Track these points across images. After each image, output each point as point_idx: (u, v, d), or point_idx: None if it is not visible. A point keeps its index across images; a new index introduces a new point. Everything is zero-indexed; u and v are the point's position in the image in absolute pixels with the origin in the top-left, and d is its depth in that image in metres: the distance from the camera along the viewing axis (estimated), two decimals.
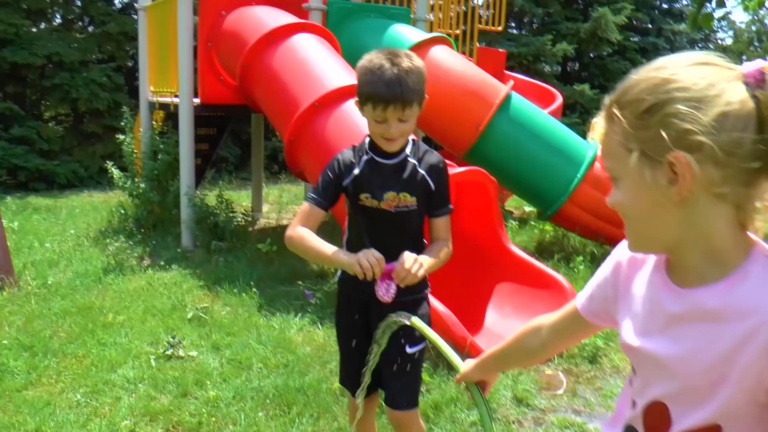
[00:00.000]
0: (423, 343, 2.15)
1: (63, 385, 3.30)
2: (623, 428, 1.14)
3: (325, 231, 2.11)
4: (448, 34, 6.97)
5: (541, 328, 1.34)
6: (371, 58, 2.01)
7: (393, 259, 1.91)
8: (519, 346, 1.38)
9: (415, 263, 1.90)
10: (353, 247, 2.10)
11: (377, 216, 2.08)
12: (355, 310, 2.19)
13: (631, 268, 1.13)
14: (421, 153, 2.12)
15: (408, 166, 2.09)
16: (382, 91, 1.94)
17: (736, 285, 0.95)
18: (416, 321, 1.60)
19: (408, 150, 2.10)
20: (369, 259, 1.86)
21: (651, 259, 1.10)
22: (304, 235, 2.04)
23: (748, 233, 0.98)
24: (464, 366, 1.44)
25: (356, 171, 2.09)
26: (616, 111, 0.99)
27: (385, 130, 2.00)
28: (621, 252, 1.17)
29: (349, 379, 2.22)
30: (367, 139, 2.13)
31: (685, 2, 18.42)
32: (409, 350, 2.14)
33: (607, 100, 1.02)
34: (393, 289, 1.91)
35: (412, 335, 2.07)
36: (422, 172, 2.09)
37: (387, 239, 2.04)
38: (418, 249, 2.04)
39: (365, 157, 2.10)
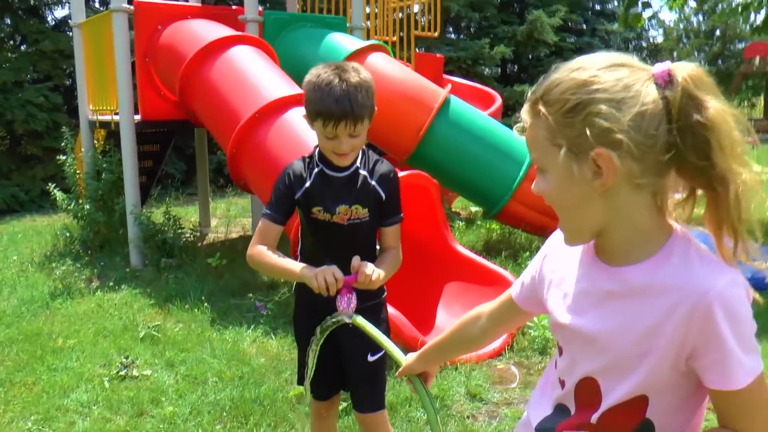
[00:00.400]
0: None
1: (12, 415, 3.24)
2: (553, 407, 1.21)
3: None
4: (385, 41, 7.05)
5: (480, 317, 1.42)
6: (319, 73, 1.96)
7: (346, 270, 1.90)
8: (460, 336, 1.45)
9: (372, 269, 1.91)
10: (307, 258, 2.10)
11: (330, 229, 2.08)
12: (313, 318, 2.18)
13: (561, 253, 1.21)
14: (371, 164, 2.11)
15: (359, 178, 2.07)
16: (332, 108, 1.91)
17: (661, 264, 1.04)
18: (357, 319, 1.65)
19: (359, 162, 2.08)
20: (327, 278, 1.85)
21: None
22: (264, 252, 2.02)
23: (667, 218, 1.07)
24: (406, 359, 1.50)
25: (307, 184, 2.06)
26: (541, 108, 1.05)
27: (336, 146, 1.98)
28: (552, 240, 1.25)
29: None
30: (317, 151, 2.10)
31: (616, 3, 18.99)
32: (370, 358, 2.16)
33: (530, 94, 1.09)
34: (354, 302, 1.89)
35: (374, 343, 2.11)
36: (373, 183, 2.08)
37: (339, 251, 2.02)
38: (371, 259, 2.02)
39: (316, 170, 2.07)
